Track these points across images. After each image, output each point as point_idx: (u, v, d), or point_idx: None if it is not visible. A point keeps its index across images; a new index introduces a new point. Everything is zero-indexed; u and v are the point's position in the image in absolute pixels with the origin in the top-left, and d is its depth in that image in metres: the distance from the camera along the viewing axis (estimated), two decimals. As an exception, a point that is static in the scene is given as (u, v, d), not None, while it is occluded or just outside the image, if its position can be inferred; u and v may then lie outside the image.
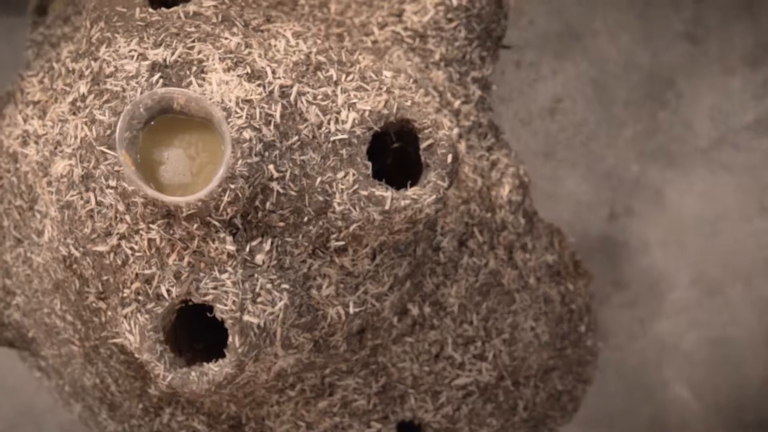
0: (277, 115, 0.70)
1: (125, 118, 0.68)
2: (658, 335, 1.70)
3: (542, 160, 1.75)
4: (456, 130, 1.03)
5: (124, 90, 0.70)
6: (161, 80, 0.69)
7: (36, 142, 0.79)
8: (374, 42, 1.06)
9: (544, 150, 1.75)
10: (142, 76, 0.69)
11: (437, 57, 1.05)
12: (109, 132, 0.69)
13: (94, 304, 0.78)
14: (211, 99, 0.69)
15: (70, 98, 0.73)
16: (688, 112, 1.74)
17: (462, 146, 1.04)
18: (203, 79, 0.70)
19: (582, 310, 1.31)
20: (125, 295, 0.73)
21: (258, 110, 0.69)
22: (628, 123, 1.75)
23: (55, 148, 0.75)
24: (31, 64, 1.21)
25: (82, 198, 0.72)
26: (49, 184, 0.76)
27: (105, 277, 0.74)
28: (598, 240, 1.74)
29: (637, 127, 1.75)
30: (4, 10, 1.81)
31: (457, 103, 1.05)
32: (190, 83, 0.69)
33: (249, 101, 0.69)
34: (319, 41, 0.76)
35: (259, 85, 0.70)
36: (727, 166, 1.73)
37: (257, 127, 0.69)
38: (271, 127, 0.70)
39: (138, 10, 0.73)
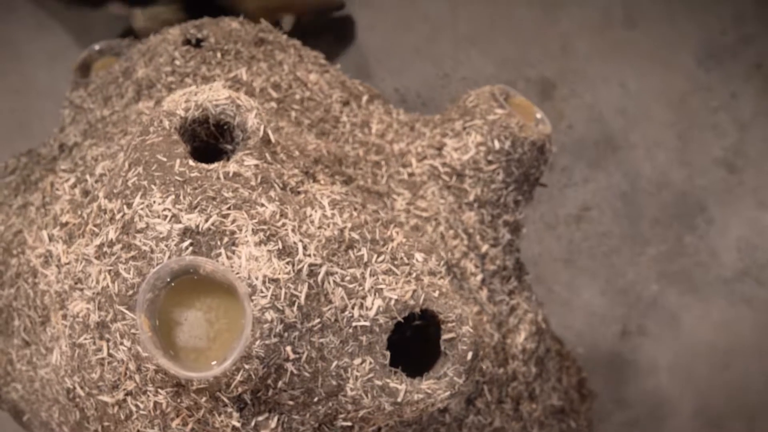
0: (303, 296, 0.69)
1: (149, 281, 0.67)
2: (654, 461, 1.68)
3: (562, 266, 1.73)
4: (480, 275, 1.02)
5: (152, 251, 0.69)
6: (191, 247, 0.68)
7: (57, 267, 0.78)
8: (411, 174, 1.05)
9: (565, 256, 1.73)
10: (173, 240, 0.68)
11: (471, 198, 1.04)
12: (131, 293, 0.68)
13: (91, 440, 0.77)
14: (237, 274, 0.68)
15: (97, 241, 0.72)
16: (715, 239, 1.72)
17: (484, 292, 1.02)
18: (233, 251, 0.68)
19: (581, 448, 1.29)
20: (124, 447, 0.72)
21: (284, 291, 0.68)
22: (653, 242, 1.73)
23: (76, 283, 0.74)
24: (66, 129, 1.21)
25: (94, 344, 0.71)
26: (65, 317, 0.75)
27: (106, 423, 0.73)
28: (607, 355, 1.72)
29: (662, 247, 1.73)
30: (46, 38, 1.82)
31: (485, 247, 1.04)
32: (220, 255, 0.68)
33: (276, 281, 0.68)
34: (355, 213, 0.75)
35: (288, 263, 0.69)
36: (748, 299, 1.70)
37: (280, 308, 0.68)
38: (295, 308, 0.69)
39: (178, 162, 0.72)
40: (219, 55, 1.06)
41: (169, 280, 0.69)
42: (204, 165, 0.73)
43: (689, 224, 1.73)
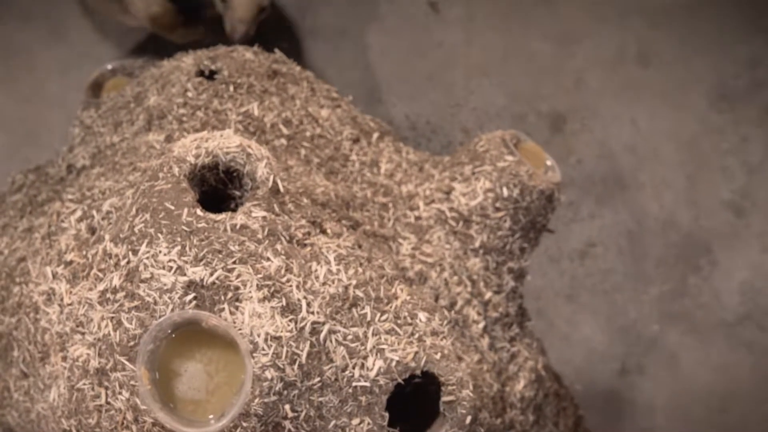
0: (304, 354, 0.69)
1: (151, 333, 0.67)
2: (645, 502, 1.67)
3: (563, 301, 1.73)
4: (482, 323, 1.02)
5: (155, 303, 0.68)
6: (194, 301, 0.68)
7: (60, 306, 0.78)
8: (417, 218, 1.05)
9: (567, 291, 1.73)
10: (176, 293, 0.68)
11: (477, 244, 1.03)
12: (132, 344, 0.68)
13: (85, 481, 0.77)
14: (240, 330, 0.68)
15: (101, 287, 0.71)
16: (719, 282, 1.71)
17: (485, 340, 1.02)
18: (236, 307, 0.68)
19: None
20: (117, 494, 0.71)
21: (285, 349, 0.68)
22: (657, 281, 1.73)
23: (77, 326, 0.74)
24: (75, 150, 1.21)
25: (93, 390, 0.71)
26: (64, 359, 0.75)
27: (101, 469, 0.73)
28: (605, 392, 1.71)
29: (665, 287, 1.73)
30: (59, 47, 1.81)
31: (488, 294, 1.03)
32: (223, 310, 0.68)
33: (278, 338, 0.68)
34: (360, 269, 0.75)
35: (291, 321, 0.69)
36: (749, 344, 1.70)
37: (281, 366, 0.67)
38: (296, 366, 0.68)
39: (186, 211, 0.72)
40: (231, 88, 1.06)
41: (170, 331, 0.69)
42: (211, 216, 0.73)
43: (693, 265, 1.73)
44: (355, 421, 0.70)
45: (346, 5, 1.79)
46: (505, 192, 1.03)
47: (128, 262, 0.72)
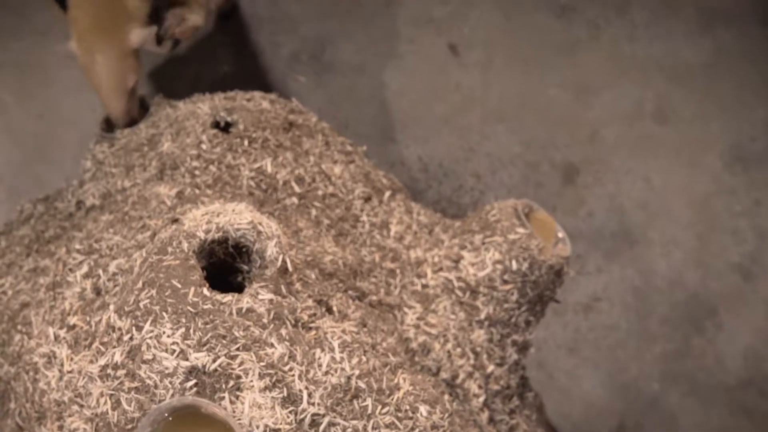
0: (302, 448, 0.68)
1: (149, 418, 0.67)
2: None
3: (565, 354, 1.71)
4: (482, 396, 1.01)
5: (156, 386, 0.68)
6: (195, 387, 0.67)
7: (60, 372, 0.77)
8: (424, 286, 1.04)
9: (570, 344, 1.72)
10: (178, 378, 0.67)
11: (483, 316, 1.02)
12: (129, 426, 0.67)
13: None
14: (239, 420, 0.67)
15: (102, 361, 0.71)
16: (723, 345, 1.70)
17: (485, 414, 1.01)
18: (237, 396, 0.67)
19: None
20: None
21: (283, 442, 0.67)
22: (660, 340, 1.71)
23: (76, 396, 0.73)
24: (85, 185, 1.20)
25: (87, 466, 0.70)
26: (61, 429, 0.74)
27: None
28: (601, 449, 1.70)
29: (668, 347, 1.71)
30: (76, 65, 1.81)
31: (490, 368, 1.02)
32: (223, 398, 0.67)
33: (277, 431, 0.67)
34: (364, 358, 0.74)
35: (291, 412, 0.68)
36: (749, 410, 1.68)
37: (278, 460, 0.67)
38: (293, 460, 0.67)
39: (192, 290, 0.71)
40: (246, 142, 1.05)
41: (167, 414, 0.68)
42: (218, 297, 0.72)
43: (698, 326, 1.71)
44: None
45: (365, 42, 1.78)
46: (515, 265, 1.02)
47: (131, 339, 0.71)
